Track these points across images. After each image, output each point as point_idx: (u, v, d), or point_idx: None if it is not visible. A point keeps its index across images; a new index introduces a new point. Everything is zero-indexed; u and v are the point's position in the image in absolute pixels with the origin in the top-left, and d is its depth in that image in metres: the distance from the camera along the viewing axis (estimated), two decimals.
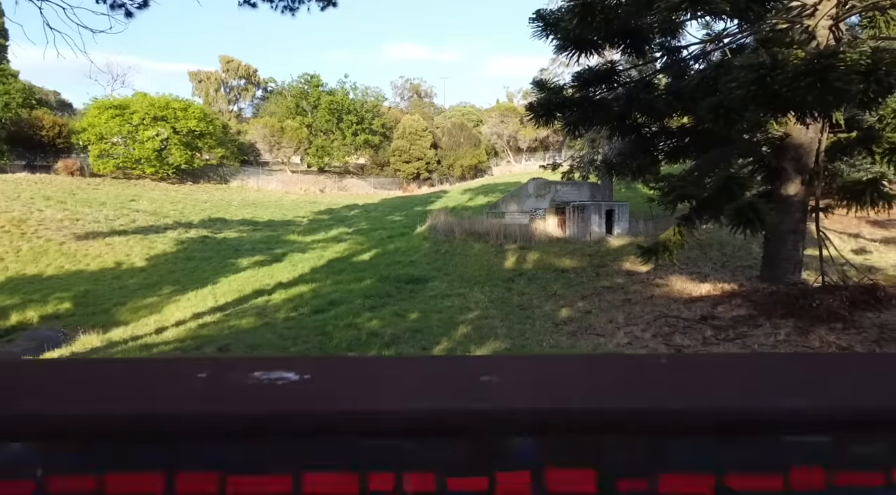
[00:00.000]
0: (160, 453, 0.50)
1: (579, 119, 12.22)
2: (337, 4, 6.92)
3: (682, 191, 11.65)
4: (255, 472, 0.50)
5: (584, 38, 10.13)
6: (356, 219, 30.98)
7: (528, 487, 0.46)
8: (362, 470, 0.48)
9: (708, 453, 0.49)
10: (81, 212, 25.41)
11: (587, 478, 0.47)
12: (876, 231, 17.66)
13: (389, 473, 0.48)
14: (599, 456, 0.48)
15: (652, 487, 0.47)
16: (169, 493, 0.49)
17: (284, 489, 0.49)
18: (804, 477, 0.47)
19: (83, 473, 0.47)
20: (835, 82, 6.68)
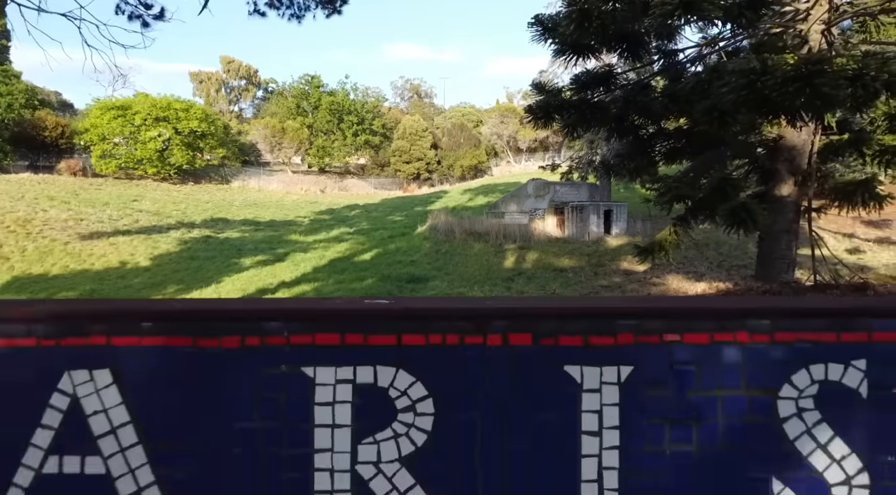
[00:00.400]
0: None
1: (577, 121, 12.43)
2: (342, 12, 7.16)
3: (677, 192, 11.87)
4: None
5: (581, 43, 10.36)
6: (357, 219, 31.23)
7: (500, 341, 0.68)
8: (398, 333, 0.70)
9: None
10: (85, 212, 25.65)
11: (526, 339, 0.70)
12: (870, 231, 17.91)
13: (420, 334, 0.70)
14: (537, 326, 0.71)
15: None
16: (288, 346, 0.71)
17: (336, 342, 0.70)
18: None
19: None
20: (822, 87, 6.92)
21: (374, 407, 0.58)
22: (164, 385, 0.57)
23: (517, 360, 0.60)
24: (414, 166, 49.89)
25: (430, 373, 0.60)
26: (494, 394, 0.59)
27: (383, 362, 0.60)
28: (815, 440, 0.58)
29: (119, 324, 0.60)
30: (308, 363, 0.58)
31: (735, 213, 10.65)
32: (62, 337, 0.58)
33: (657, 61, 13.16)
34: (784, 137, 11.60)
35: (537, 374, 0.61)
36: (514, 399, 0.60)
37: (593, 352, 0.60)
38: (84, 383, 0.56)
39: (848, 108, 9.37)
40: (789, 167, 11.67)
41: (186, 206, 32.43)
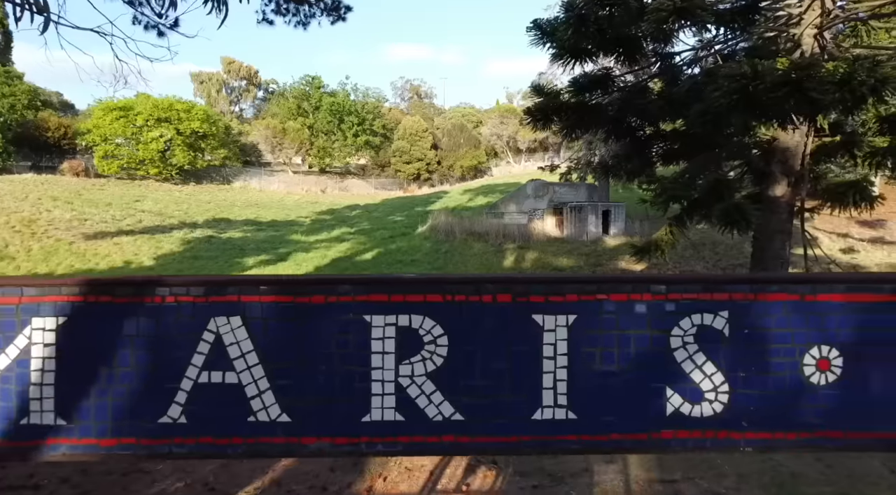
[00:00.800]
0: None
1: (575, 123, 12.68)
2: (346, 19, 7.41)
3: (672, 193, 12.12)
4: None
5: (578, 47, 10.60)
6: (358, 219, 31.47)
7: (490, 299, 0.93)
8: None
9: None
10: (89, 212, 25.90)
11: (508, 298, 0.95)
12: (864, 231, 18.16)
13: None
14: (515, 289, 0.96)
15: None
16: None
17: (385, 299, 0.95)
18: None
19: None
20: (810, 92, 7.17)
21: (408, 341, 0.84)
22: (275, 325, 0.83)
23: (502, 311, 0.88)
24: (414, 167, 50.14)
25: (445, 320, 0.88)
26: (487, 333, 0.86)
27: (415, 312, 0.87)
28: (694, 363, 0.85)
29: (245, 287, 0.85)
30: (366, 312, 0.84)
31: (729, 214, 10.92)
32: (210, 295, 0.84)
33: (654, 64, 13.41)
34: (778, 139, 11.83)
35: (515, 320, 0.88)
36: (500, 336, 0.86)
37: (551, 305, 0.87)
38: (224, 325, 0.82)
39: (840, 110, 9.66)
40: (783, 168, 11.90)
41: (188, 207, 32.67)
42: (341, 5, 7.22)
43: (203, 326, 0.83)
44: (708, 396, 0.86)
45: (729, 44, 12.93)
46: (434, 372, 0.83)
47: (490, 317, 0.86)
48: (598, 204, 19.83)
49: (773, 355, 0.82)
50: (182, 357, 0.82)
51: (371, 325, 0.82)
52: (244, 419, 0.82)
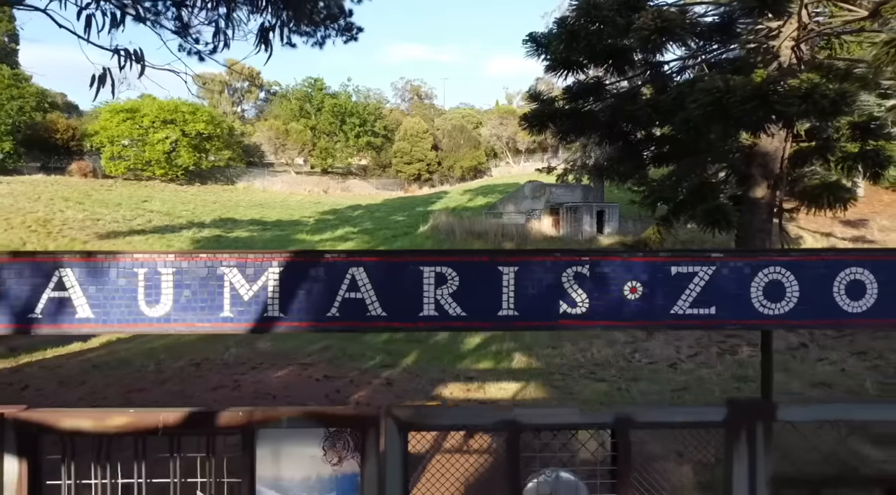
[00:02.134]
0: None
1: (570, 128, 13.47)
2: (357, 39, 8.20)
3: (659, 195, 12.95)
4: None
5: (571, 59, 11.38)
6: (360, 219, 32.22)
7: (488, 258, 1.73)
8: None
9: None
10: (100, 212, 26.66)
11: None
12: (847, 230, 18.94)
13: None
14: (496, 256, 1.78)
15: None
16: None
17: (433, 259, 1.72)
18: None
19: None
20: (774, 105, 7.97)
21: (440, 279, 1.58)
22: (378, 272, 1.57)
23: (483, 265, 1.61)
24: (415, 167, 50.87)
25: (457, 269, 1.62)
26: (476, 275, 1.59)
27: (443, 266, 1.61)
28: (573, 289, 1.58)
29: (365, 254, 1.61)
30: (421, 265, 1.59)
31: (711, 214, 11.75)
32: (349, 257, 1.60)
33: (644, 73, 14.19)
34: (758, 145, 12.63)
35: (489, 269, 1.62)
36: (482, 276, 1.59)
37: (507, 263, 1.62)
38: (356, 272, 1.56)
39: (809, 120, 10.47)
40: (763, 171, 12.70)
41: (195, 207, 33.41)
42: (353, 26, 7.98)
43: (345, 272, 1.61)
44: (579, 304, 1.62)
45: (714, 54, 13.72)
46: (452, 292, 1.60)
47: (478, 268, 1.61)
48: (593, 204, 20.61)
49: (609, 285, 1.58)
50: (337, 286, 1.59)
51: (423, 272, 1.60)
52: (364, 315, 1.57)
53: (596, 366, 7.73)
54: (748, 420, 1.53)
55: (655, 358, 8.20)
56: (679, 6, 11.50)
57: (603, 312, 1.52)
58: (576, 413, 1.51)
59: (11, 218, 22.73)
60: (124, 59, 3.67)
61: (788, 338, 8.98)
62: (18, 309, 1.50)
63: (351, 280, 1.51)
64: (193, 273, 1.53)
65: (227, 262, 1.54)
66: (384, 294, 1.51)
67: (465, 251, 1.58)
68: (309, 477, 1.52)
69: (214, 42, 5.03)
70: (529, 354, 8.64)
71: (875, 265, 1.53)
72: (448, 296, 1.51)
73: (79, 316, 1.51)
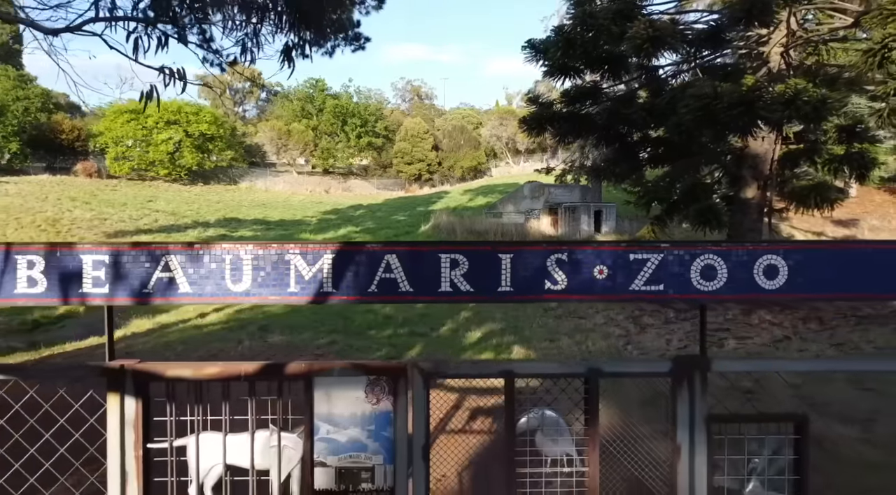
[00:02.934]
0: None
1: (567, 131, 13.96)
2: (365, 48, 8.67)
3: (653, 195, 13.44)
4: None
5: (568, 65, 11.85)
6: (362, 218, 32.68)
7: (489, 248, 2.21)
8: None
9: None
10: (107, 212, 27.13)
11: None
12: (838, 230, 19.42)
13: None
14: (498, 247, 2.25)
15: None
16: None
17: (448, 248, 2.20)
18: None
19: None
20: (759, 111, 8.44)
21: (454, 264, 2.03)
22: (407, 258, 2.03)
23: (486, 253, 2.04)
24: (415, 167, 51.33)
25: (467, 256, 2.08)
26: (481, 260, 2.03)
27: (456, 254, 2.07)
28: (555, 271, 2.03)
29: (395, 245, 2.07)
30: (439, 253, 2.05)
31: (702, 214, 12.24)
32: (384, 247, 2.06)
33: (639, 77, 14.67)
34: (748, 147, 13.11)
35: (490, 256, 2.05)
36: (485, 261, 2.04)
37: (505, 251, 2.06)
38: (389, 257, 2.03)
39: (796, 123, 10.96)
40: (753, 173, 13.18)
41: (199, 206, 33.88)
42: (361, 36, 8.45)
43: (382, 258, 2.07)
44: (560, 282, 2.08)
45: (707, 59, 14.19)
46: (463, 274, 2.05)
47: (483, 254, 2.06)
48: (591, 204, 21.09)
49: (582, 268, 2.05)
50: (376, 268, 2.05)
51: (441, 258, 2.07)
52: (396, 290, 2.02)
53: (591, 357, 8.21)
54: (688, 370, 1.99)
55: (647, 349, 8.68)
56: (671, 14, 11.97)
57: (578, 289, 1.98)
58: (557, 365, 1.96)
59: (21, 217, 23.21)
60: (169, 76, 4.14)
61: (773, 331, 9.46)
62: (136, 286, 1.95)
63: (386, 264, 1.97)
64: (267, 259, 1.99)
65: (293, 251, 2.00)
66: (411, 274, 1.96)
67: (472, 242, 2.04)
68: (354, 413, 1.98)
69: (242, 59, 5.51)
70: (528, 347, 9.12)
71: (786, 253, 2.00)
72: (460, 276, 1.96)
73: (181, 291, 1.97)
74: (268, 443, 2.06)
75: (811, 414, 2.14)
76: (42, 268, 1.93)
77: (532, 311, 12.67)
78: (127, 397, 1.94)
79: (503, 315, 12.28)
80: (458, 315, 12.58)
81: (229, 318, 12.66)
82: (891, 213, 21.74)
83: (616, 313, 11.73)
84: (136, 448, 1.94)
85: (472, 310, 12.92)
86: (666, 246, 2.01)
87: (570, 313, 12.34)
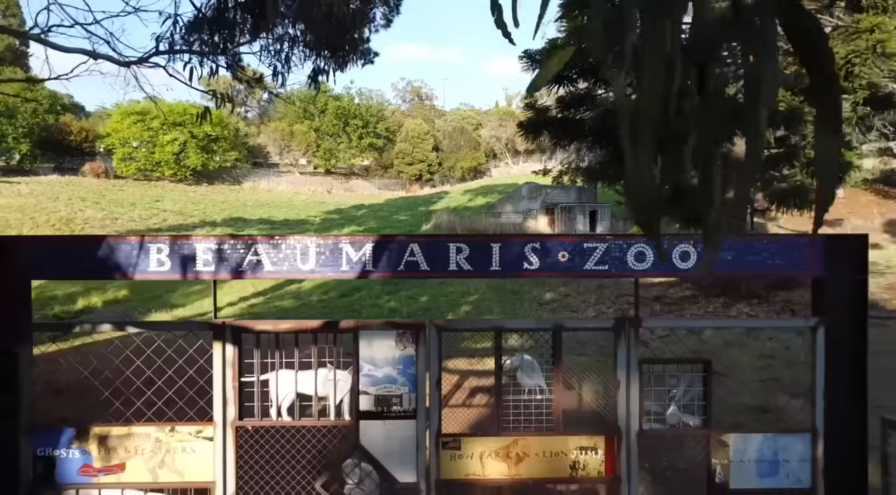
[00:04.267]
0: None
1: (562, 135, 14.78)
2: (374, 62, 9.46)
3: None
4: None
5: (561, 75, 12.65)
6: (365, 218, 33.47)
7: (485, 239, 3.03)
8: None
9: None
10: (117, 211, 27.92)
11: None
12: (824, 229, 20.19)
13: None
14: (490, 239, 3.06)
15: None
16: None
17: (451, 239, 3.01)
18: None
19: None
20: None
21: (460, 250, 2.83)
22: (427, 249, 2.83)
23: (482, 244, 2.83)
24: (416, 168, 52.12)
25: (469, 244, 2.87)
26: (479, 250, 2.82)
27: (460, 243, 2.86)
28: (531, 254, 2.81)
29: (416, 237, 2.86)
30: (449, 243, 2.84)
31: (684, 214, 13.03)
32: (408, 237, 2.85)
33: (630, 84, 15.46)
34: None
35: (484, 245, 2.82)
36: (482, 250, 2.82)
37: (497, 243, 2.83)
38: (413, 247, 2.82)
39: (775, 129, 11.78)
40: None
41: (205, 206, 34.67)
42: (371, 51, 9.26)
43: (407, 246, 2.85)
44: (534, 264, 2.88)
45: None
46: (465, 257, 2.84)
47: (479, 244, 2.84)
48: (586, 204, 21.89)
49: (550, 253, 2.84)
50: (403, 253, 2.83)
51: (449, 246, 2.85)
52: (418, 268, 2.84)
53: (579, 344, 9.00)
54: (624, 326, 2.78)
55: None
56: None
57: (547, 268, 2.75)
58: (533, 322, 2.71)
59: (36, 217, 24.00)
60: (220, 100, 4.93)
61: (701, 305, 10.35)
62: (234, 266, 2.73)
63: (410, 250, 2.74)
64: (326, 246, 2.76)
65: (344, 241, 2.78)
66: (428, 257, 2.74)
67: (471, 235, 2.77)
68: (388, 356, 2.76)
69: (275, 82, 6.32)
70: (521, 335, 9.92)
71: (695, 243, 2.79)
72: (463, 259, 2.74)
73: (266, 270, 2.75)
74: (327, 378, 2.86)
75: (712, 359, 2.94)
76: (167, 252, 2.73)
77: (528, 306, 13.49)
78: (227, 344, 2.73)
79: (501, 308, 13.10)
80: (458, 308, 13.40)
81: (243, 312, 13.49)
82: (874, 214, 22.58)
83: (607, 307, 12.54)
84: (234, 381, 2.74)
85: (472, 305, 13.73)
86: (610, 238, 2.82)
87: (564, 307, 13.16)
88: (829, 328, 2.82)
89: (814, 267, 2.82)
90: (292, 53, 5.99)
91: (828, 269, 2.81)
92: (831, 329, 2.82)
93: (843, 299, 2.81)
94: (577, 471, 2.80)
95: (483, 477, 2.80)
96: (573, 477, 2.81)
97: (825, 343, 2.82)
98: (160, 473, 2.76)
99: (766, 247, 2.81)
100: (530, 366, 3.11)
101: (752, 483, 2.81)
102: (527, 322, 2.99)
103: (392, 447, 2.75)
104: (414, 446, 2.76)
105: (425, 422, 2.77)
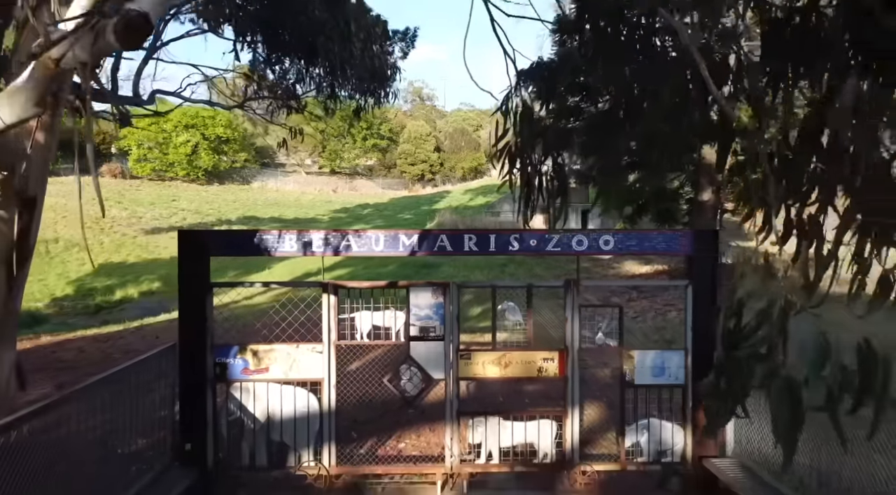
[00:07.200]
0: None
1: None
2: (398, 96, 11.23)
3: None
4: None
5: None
6: (371, 216, 35.27)
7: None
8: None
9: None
10: (139, 210, 29.72)
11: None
12: None
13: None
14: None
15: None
16: None
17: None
18: None
19: None
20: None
21: (470, 239, 4.59)
22: (449, 238, 4.60)
23: (482, 236, 4.58)
24: (418, 168, 53.92)
25: (477, 236, 4.66)
26: (480, 241, 4.57)
27: (469, 235, 4.66)
28: (514, 241, 4.55)
29: (444, 231, 4.62)
30: (462, 234, 4.63)
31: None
32: (437, 230, 4.62)
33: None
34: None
35: (485, 238, 4.56)
36: (482, 241, 4.56)
37: (492, 236, 4.57)
38: (441, 237, 4.54)
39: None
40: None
41: (219, 205, 36.47)
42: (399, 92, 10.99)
43: (439, 236, 4.61)
44: (516, 246, 4.64)
45: None
46: (473, 243, 4.59)
47: (482, 235, 4.62)
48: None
49: (525, 240, 4.57)
50: (435, 240, 4.60)
51: (463, 236, 4.60)
52: (445, 249, 4.55)
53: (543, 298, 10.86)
54: (571, 286, 4.59)
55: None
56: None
57: (523, 250, 4.53)
58: (516, 281, 4.39)
59: (69, 216, 25.81)
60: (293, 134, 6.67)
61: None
62: (334, 247, 4.55)
63: (440, 238, 4.53)
64: (390, 235, 4.56)
65: (401, 233, 4.59)
66: (451, 242, 4.51)
67: (476, 230, 4.51)
68: (427, 303, 4.55)
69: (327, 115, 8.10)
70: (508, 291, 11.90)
71: (613, 234, 4.59)
72: (472, 244, 4.52)
73: (353, 250, 4.53)
74: (392, 316, 4.70)
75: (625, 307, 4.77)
76: (294, 239, 4.54)
77: (513, 272, 15.37)
78: (330, 296, 4.55)
79: (494, 275, 14.99)
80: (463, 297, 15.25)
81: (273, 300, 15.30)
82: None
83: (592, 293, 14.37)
84: (334, 318, 4.56)
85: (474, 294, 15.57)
86: (566, 232, 4.63)
87: (533, 275, 15.01)
88: (695, 286, 4.65)
89: (686, 249, 4.65)
90: (339, 93, 7.80)
91: (695, 250, 4.64)
92: (696, 287, 4.64)
93: (704, 268, 4.64)
94: (542, 373, 4.63)
95: (484, 376, 4.63)
96: (539, 377, 4.64)
97: (693, 296, 4.64)
98: (290, 373, 4.59)
99: (658, 236, 4.64)
100: (513, 309, 4.91)
101: (648, 381, 4.63)
102: (511, 281, 4.90)
103: (430, 357, 4.57)
104: (443, 356, 4.59)
105: (450, 342, 4.60)
